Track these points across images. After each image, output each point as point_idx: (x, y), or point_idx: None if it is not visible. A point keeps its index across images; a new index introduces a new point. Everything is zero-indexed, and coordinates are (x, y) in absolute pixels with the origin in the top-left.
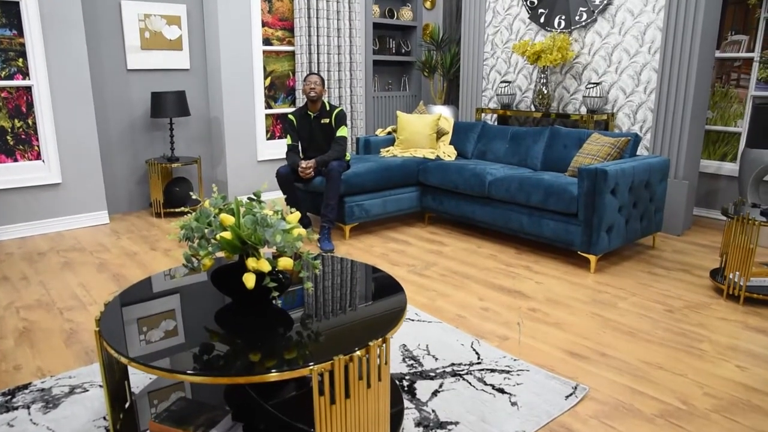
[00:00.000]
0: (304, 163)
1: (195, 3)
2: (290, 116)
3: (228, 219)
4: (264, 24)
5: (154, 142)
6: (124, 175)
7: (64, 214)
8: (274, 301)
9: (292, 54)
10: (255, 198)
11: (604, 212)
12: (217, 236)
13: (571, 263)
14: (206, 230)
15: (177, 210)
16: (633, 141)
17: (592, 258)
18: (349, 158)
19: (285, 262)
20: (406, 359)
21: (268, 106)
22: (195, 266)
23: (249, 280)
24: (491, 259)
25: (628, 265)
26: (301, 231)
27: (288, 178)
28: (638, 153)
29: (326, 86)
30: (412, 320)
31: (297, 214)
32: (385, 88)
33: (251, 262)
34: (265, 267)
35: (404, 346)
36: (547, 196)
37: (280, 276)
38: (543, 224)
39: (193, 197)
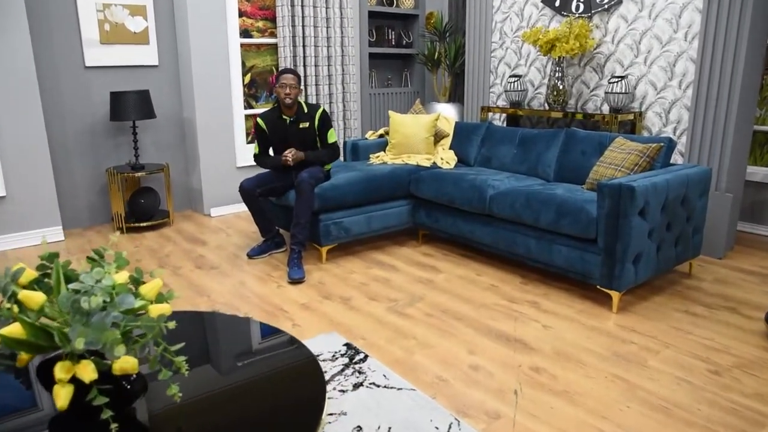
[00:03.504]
0: (287, 153)
1: None
2: (260, 121)
3: (34, 299)
4: (242, 14)
5: (119, 148)
6: (83, 186)
7: (11, 231)
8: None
9: (275, 47)
10: (96, 257)
11: (630, 238)
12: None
13: (588, 298)
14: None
15: (143, 224)
16: (666, 147)
17: (615, 295)
18: (329, 167)
19: (123, 364)
20: None
21: (249, 106)
22: None
23: (59, 397)
24: (491, 292)
25: (659, 301)
26: (160, 311)
27: (252, 193)
28: (672, 161)
29: (307, 83)
30: (378, 386)
31: (156, 283)
32: (384, 84)
33: (60, 371)
34: (88, 375)
35: (359, 429)
36: (559, 216)
37: (123, 382)
38: (554, 250)
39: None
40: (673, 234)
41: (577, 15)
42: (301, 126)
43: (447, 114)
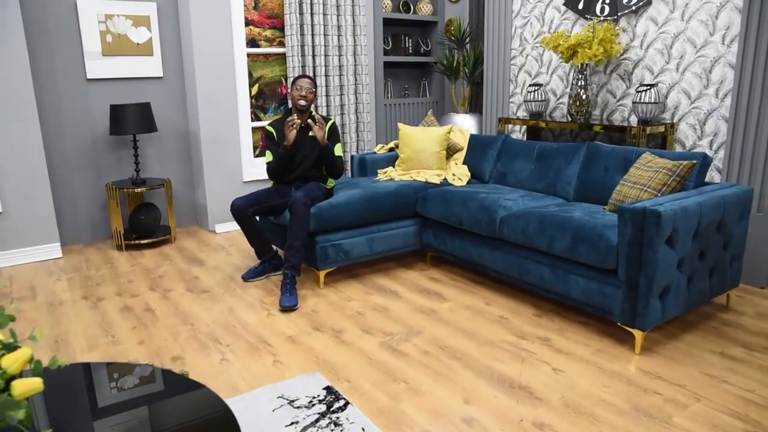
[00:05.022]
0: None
1: (167, 0)
2: (269, 128)
3: None
4: (249, 23)
5: (122, 162)
6: (83, 201)
7: (7, 247)
8: None
9: (284, 57)
10: None
11: (655, 270)
12: None
13: (608, 335)
14: None
15: (143, 242)
16: (700, 164)
17: (638, 334)
18: (332, 185)
19: None
20: None
21: (256, 118)
22: None
23: None
24: (499, 325)
25: (690, 340)
26: (27, 388)
27: (245, 212)
28: (708, 178)
29: (317, 93)
30: None
31: (23, 353)
32: (400, 94)
33: None
34: None
35: None
36: (575, 242)
37: None
38: (570, 281)
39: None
40: (707, 264)
41: (601, 18)
42: (310, 134)
43: (463, 126)
